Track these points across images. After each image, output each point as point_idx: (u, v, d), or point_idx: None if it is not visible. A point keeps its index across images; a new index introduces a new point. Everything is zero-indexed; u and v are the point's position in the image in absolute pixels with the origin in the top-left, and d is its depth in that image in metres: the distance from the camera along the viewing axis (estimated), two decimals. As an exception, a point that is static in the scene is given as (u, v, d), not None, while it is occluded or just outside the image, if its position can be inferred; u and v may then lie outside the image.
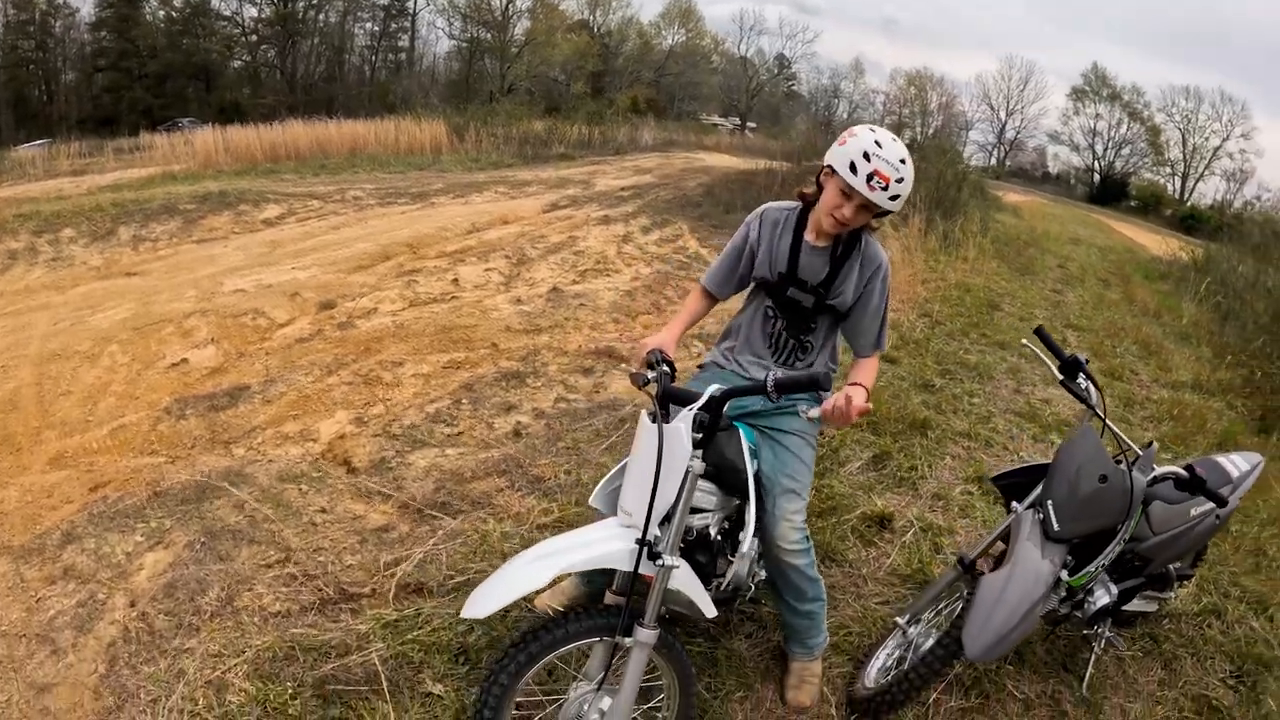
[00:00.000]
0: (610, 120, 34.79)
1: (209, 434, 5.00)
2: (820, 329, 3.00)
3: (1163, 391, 8.14)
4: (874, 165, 2.60)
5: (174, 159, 22.18)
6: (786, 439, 2.90)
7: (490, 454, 4.82)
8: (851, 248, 2.87)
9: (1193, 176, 74.28)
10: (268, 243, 10.60)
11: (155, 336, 6.64)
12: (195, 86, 63.40)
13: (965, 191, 17.38)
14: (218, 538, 3.78)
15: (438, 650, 3.09)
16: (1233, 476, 3.46)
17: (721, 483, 2.65)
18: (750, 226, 3.00)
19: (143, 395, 5.61)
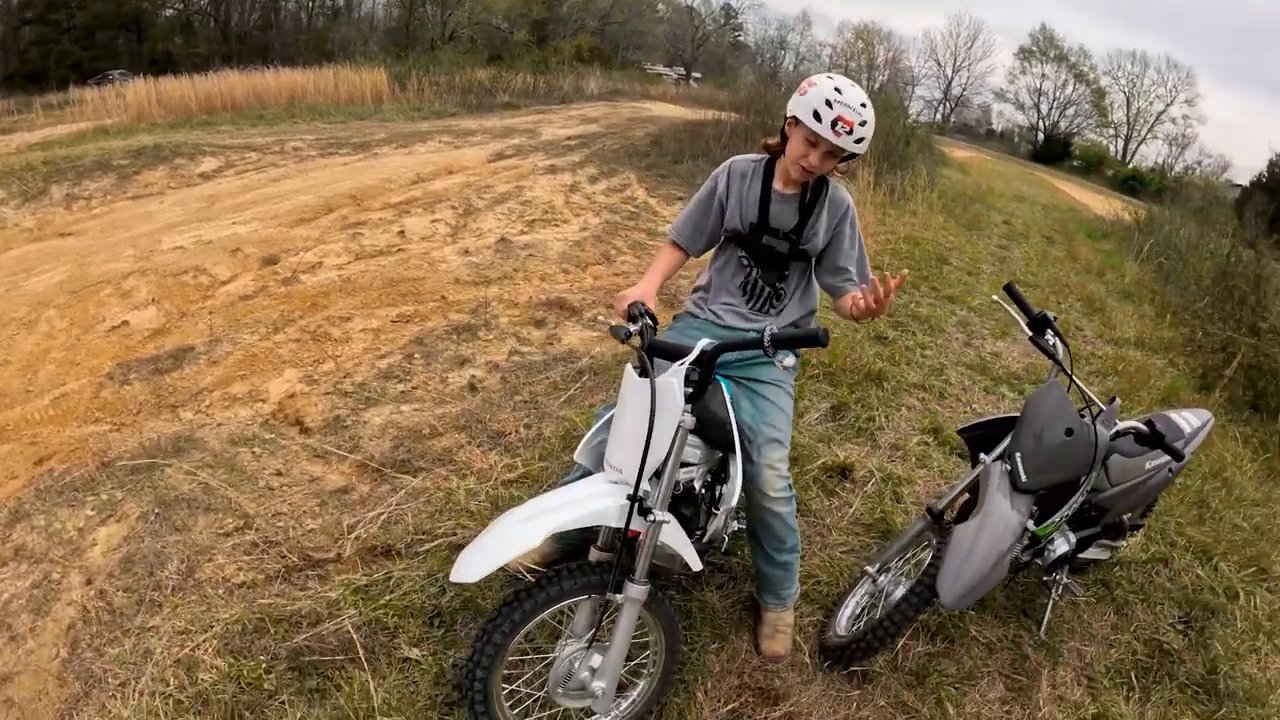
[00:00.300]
0: (555, 69, 34.29)
1: (154, 398, 4.85)
2: (793, 275, 3.04)
3: (1107, 348, 8.32)
4: (837, 111, 2.66)
5: (106, 113, 21.50)
6: (765, 389, 2.92)
7: (447, 409, 4.75)
8: (819, 194, 2.93)
9: (1135, 139, 76.30)
10: (206, 197, 10.30)
11: (94, 299, 6.43)
12: (126, 37, 61.24)
13: (913, 146, 17.60)
14: (172, 507, 3.67)
15: (411, 614, 3.05)
16: (1185, 432, 3.61)
17: (705, 436, 2.65)
18: (718, 179, 3.03)
19: (84, 361, 5.43)
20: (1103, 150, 73.72)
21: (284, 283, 6.90)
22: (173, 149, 12.77)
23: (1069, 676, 3.43)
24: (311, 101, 23.11)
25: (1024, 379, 6.64)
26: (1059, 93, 78.02)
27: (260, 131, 16.46)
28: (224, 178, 11.68)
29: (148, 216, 9.33)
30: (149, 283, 6.75)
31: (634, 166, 13.97)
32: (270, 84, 23.21)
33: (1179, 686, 3.47)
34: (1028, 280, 10.78)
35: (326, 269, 7.33)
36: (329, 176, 11.74)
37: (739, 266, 3.06)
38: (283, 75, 24.32)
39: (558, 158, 14.39)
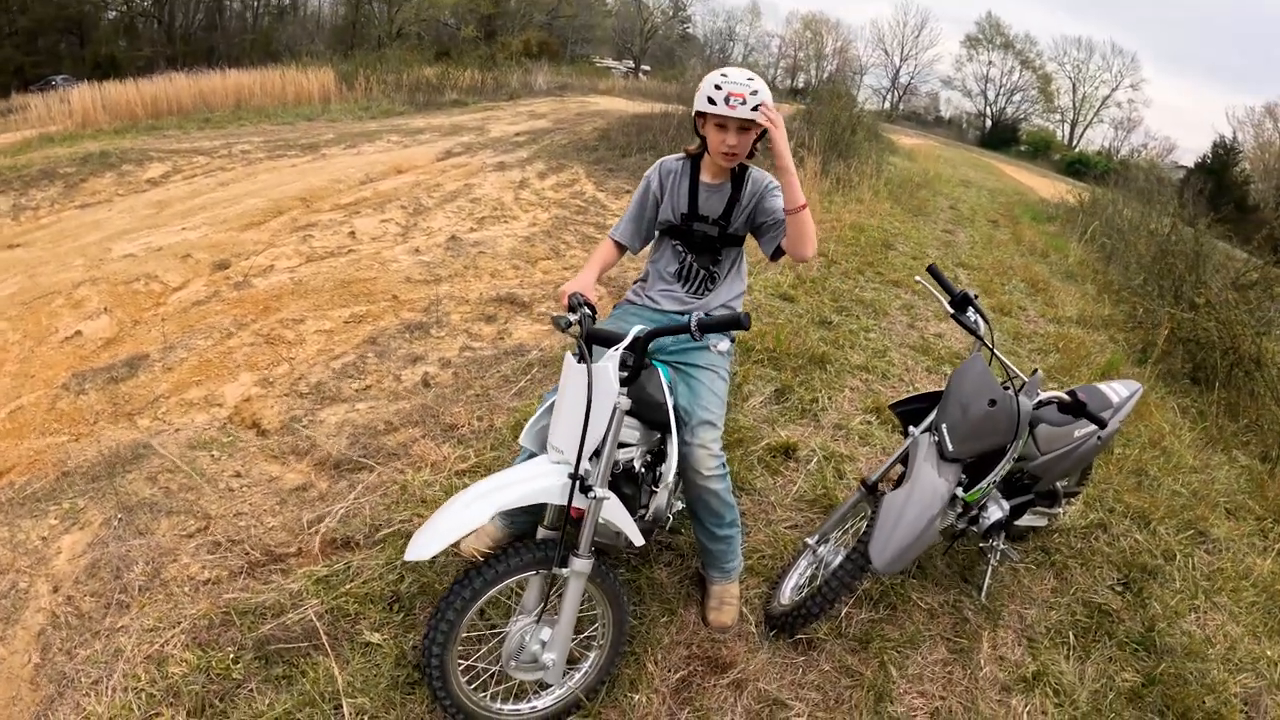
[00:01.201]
0: (503, 65, 34.22)
1: (111, 407, 4.91)
2: (725, 259, 3.27)
3: (1049, 326, 8.60)
4: (726, 89, 2.91)
5: (50, 120, 21.13)
6: (700, 373, 3.10)
7: (401, 405, 4.86)
8: (741, 181, 3.15)
9: (1082, 124, 77.77)
10: (154, 203, 10.25)
11: (45, 310, 6.43)
12: (68, 41, 59.96)
13: (859, 135, 17.75)
14: (134, 512, 3.76)
15: (371, 601, 3.18)
16: (1113, 402, 3.78)
17: (643, 418, 2.83)
18: (650, 179, 3.26)
19: (38, 373, 5.45)
20: (1049, 135, 74.68)
21: (236, 287, 6.94)
22: (120, 155, 12.67)
23: (1009, 638, 3.59)
24: (258, 103, 22.90)
25: (965, 356, 6.82)
26: (1006, 79, 79.44)
27: (207, 135, 16.31)
28: (172, 183, 11.61)
29: (96, 225, 9.29)
30: (100, 291, 6.76)
31: (582, 161, 14.07)
32: (216, 86, 22.97)
33: (1118, 644, 3.64)
34: (971, 263, 11.03)
35: (278, 272, 7.38)
36: (278, 179, 11.71)
37: (674, 255, 3.29)
38: (229, 77, 24.04)
39: (506, 154, 14.45)
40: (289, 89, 24.08)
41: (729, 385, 3.23)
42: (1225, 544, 4.72)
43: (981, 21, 79.92)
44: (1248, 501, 5.41)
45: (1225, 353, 7.61)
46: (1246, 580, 4.36)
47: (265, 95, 23.52)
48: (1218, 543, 4.72)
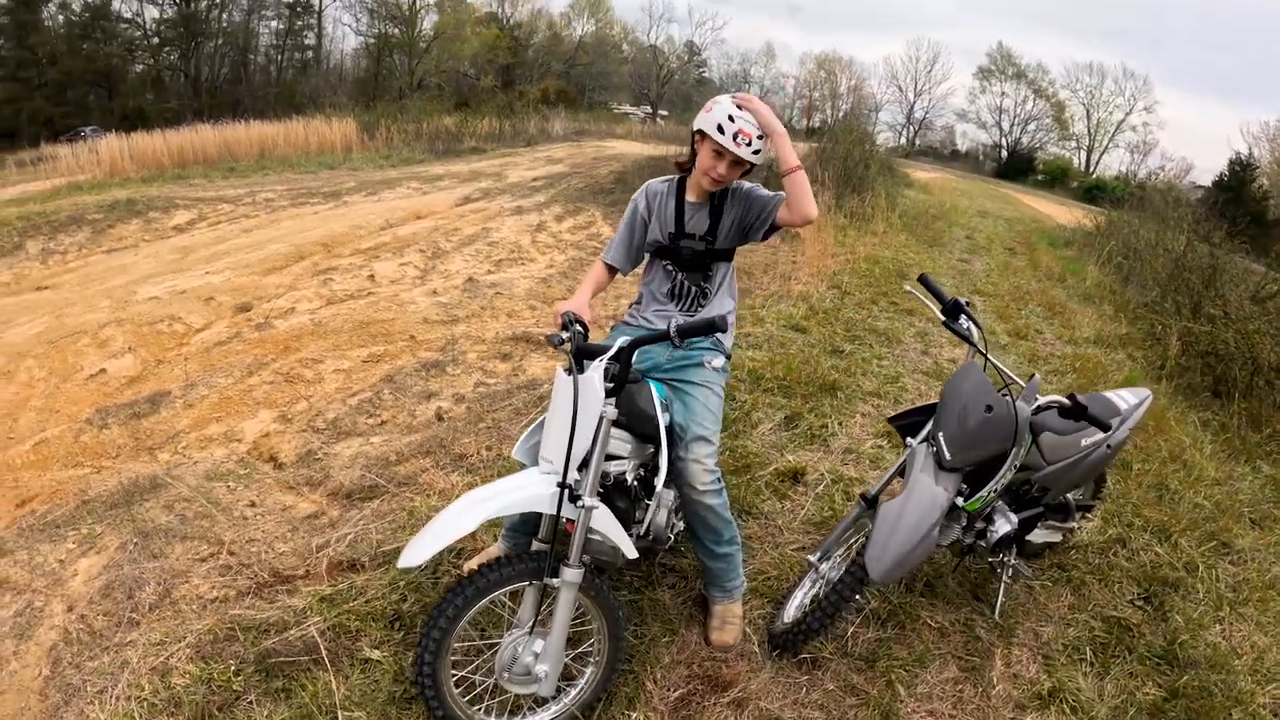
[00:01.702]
0: (521, 113, 34.74)
1: (133, 441, 5.04)
2: (716, 274, 3.34)
3: (1066, 348, 8.54)
4: (738, 125, 2.99)
5: (79, 169, 21.70)
6: (694, 390, 3.15)
7: (414, 438, 4.95)
8: (725, 197, 3.26)
9: (1098, 150, 76.91)
10: (179, 249, 10.49)
11: (71, 349, 6.60)
12: (97, 93, 61.52)
13: (873, 169, 17.77)
14: (150, 537, 3.86)
15: (373, 619, 3.24)
16: (1121, 409, 3.70)
17: (635, 431, 2.91)
18: (638, 202, 3.36)
19: (63, 408, 5.61)
20: (1066, 163, 74.18)
21: (257, 328, 7.09)
22: (146, 202, 12.96)
23: (1024, 655, 3.55)
24: (282, 153, 23.35)
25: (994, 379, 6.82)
26: (1020, 109, 78.90)
27: (232, 183, 16.66)
28: (197, 229, 11.87)
29: (123, 269, 9.51)
30: (125, 332, 6.93)
31: (598, 203, 14.24)
32: (241, 136, 23.48)
33: (1139, 659, 3.58)
34: (987, 290, 11.01)
35: (299, 314, 7.53)
36: (300, 225, 11.96)
37: (665, 274, 3.36)
38: (253, 128, 24.59)
39: (524, 199, 14.67)
40: (312, 139, 24.57)
41: (724, 402, 3.28)
42: (1250, 554, 4.66)
43: (992, 52, 79.84)
44: (1274, 511, 5.35)
45: (1245, 364, 7.58)
46: (1274, 589, 4.31)
47: (289, 145, 24.02)
48: (1242, 553, 4.66)
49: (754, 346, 6.81)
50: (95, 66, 60.24)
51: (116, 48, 61.80)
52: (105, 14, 61.86)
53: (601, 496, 2.73)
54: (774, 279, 9.30)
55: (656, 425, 2.85)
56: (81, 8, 61.69)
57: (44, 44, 59.48)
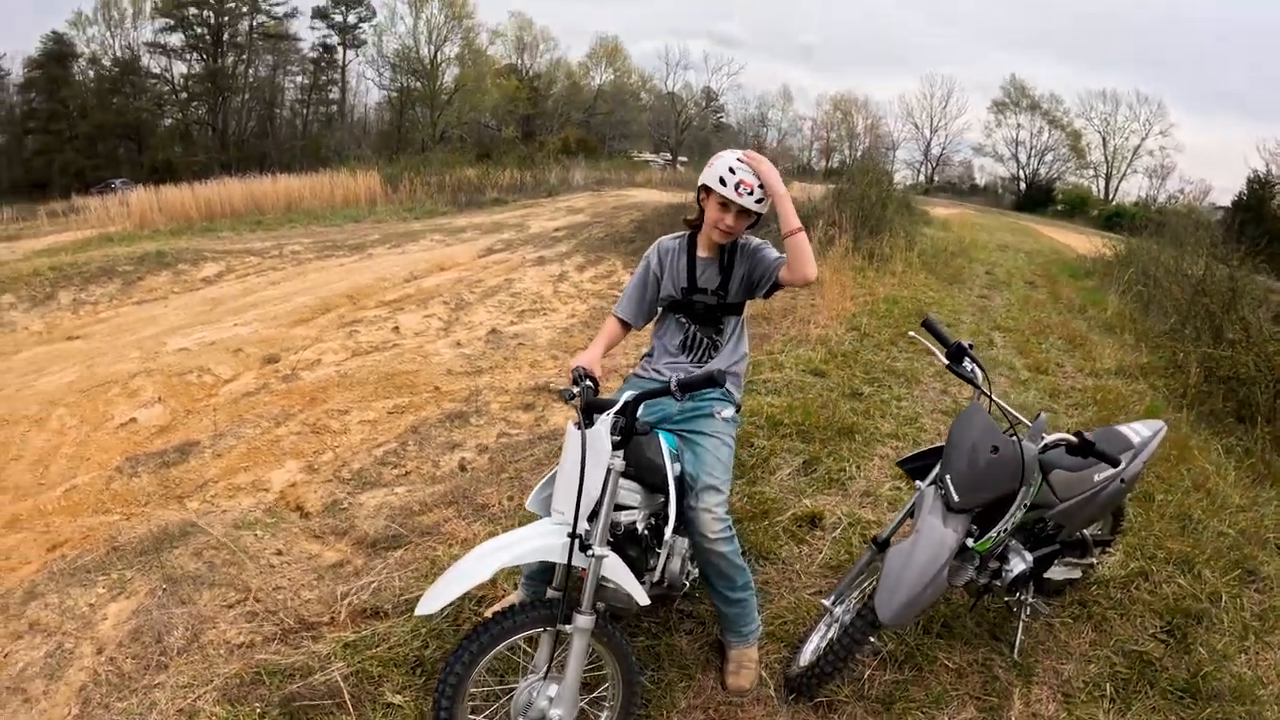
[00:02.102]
0: (541, 163, 35.20)
1: (162, 490, 5.16)
2: (728, 326, 3.46)
3: (1087, 380, 8.45)
4: (739, 176, 3.14)
5: (109, 221, 22.15)
6: (704, 440, 3.23)
7: (437, 488, 5.04)
8: (734, 252, 3.39)
9: (1116, 176, 76.55)
10: (208, 300, 10.70)
11: (102, 398, 6.75)
12: (127, 146, 63.12)
13: (890, 209, 17.82)
14: (179, 584, 3.95)
15: (395, 664, 3.30)
16: (1134, 442, 3.69)
17: (644, 482, 2.99)
18: (650, 259, 3.51)
19: (94, 456, 5.74)
20: (1085, 191, 73.96)
21: (284, 379, 7.23)
22: (175, 255, 13.21)
23: (1044, 694, 3.49)
24: (308, 206, 23.77)
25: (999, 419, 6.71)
26: (1036, 140, 78.85)
27: (259, 236, 16.96)
28: (225, 281, 12.10)
29: (152, 320, 9.70)
30: (155, 382, 7.08)
31: (619, 252, 14.42)
32: (268, 190, 23.94)
33: (1161, 694, 3.51)
34: (1008, 325, 10.96)
35: (325, 365, 7.68)
36: (326, 278, 12.17)
37: (678, 327, 3.48)
38: (279, 181, 25.08)
39: (546, 249, 14.87)
40: (337, 192, 25.00)
41: (734, 451, 3.35)
42: (1276, 580, 4.58)
43: (1006, 85, 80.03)
44: (1303, 534, 5.20)
45: (1268, 387, 7.45)
46: (1302, 616, 4.21)
47: (314, 198, 24.44)
48: (1268, 580, 4.56)
49: (773, 392, 6.83)
50: (125, 120, 61.87)
51: (146, 102, 63.50)
52: (134, 69, 63.72)
53: (613, 545, 2.82)
54: (793, 323, 9.34)
55: (665, 476, 2.93)
56: (111, 63, 63.62)
57: (75, 98, 61.37)
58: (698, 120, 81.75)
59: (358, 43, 70.52)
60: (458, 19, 65.04)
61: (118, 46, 64.43)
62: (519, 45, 73.58)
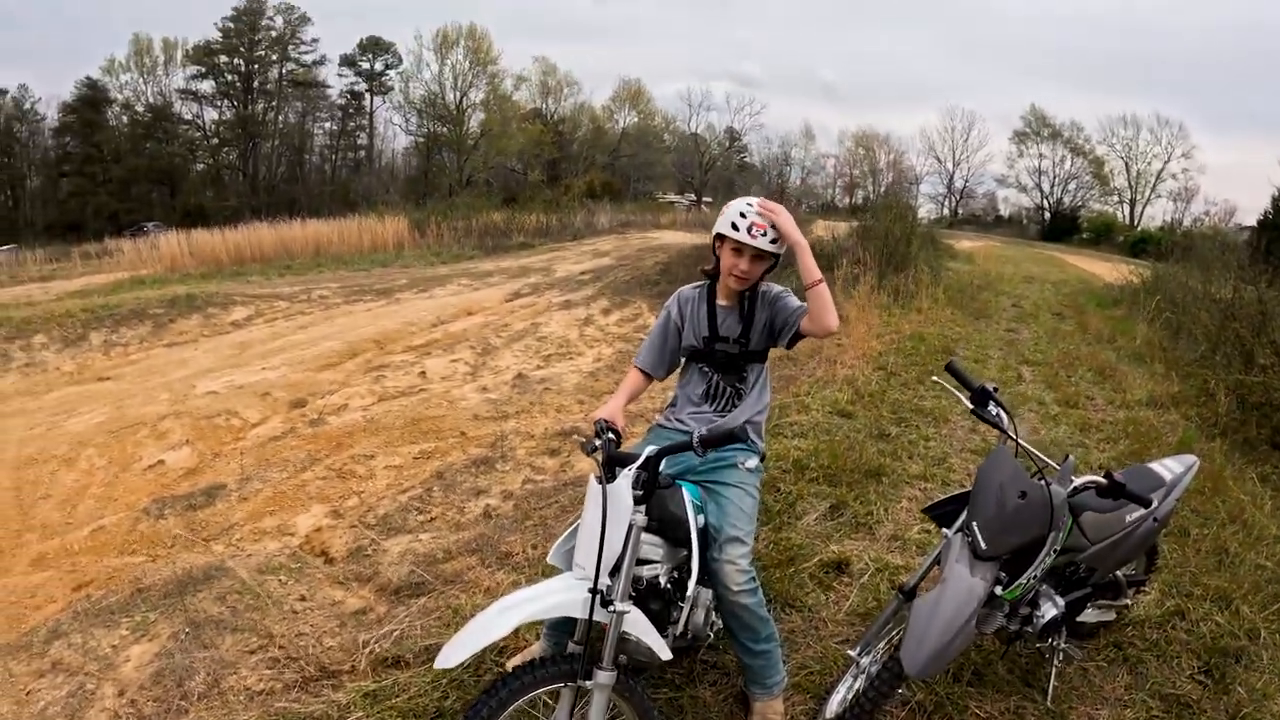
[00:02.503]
0: (566, 207, 35.48)
1: (188, 532, 5.19)
2: (751, 375, 3.42)
3: (1118, 413, 8.25)
4: (750, 219, 3.13)
5: (141, 263, 22.52)
6: (728, 491, 3.19)
7: (462, 535, 5.02)
8: (754, 299, 3.36)
9: (1140, 202, 75.66)
10: (237, 344, 10.83)
11: (131, 439, 6.83)
12: (159, 190, 64.61)
13: (914, 245, 17.64)
14: (201, 628, 3.95)
15: (415, 715, 3.26)
16: (1166, 479, 3.62)
17: (666, 535, 2.96)
18: (670, 309, 3.49)
19: (121, 497, 5.81)
20: (1110, 218, 73.01)
21: (311, 424, 7.29)
22: (205, 298, 13.41)
23: None
24: (336, 250, 24.10)
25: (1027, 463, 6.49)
26: (1058, 169, 78.10)
27: (288, 281, 17.16)
28: (254, 325, 12.26)
29: (182, 362, 9.83)
30: (183, 425, 7.16)
31: (645, 295, 14.49)
32: (297, 235, 24.29)
33: None
34: (1036, 359, 10.76)
35: (351, 410, 7.73)
36: (353, 322, 12.30)
37: (701, 376, 3.45)
38: (309, 226, 25.47)
39: (572, 293, 14.96)
40: (365, 237, 25.35)
41: (759, 501, 3.32)
42: None
43: (1026, 115, 79.46)
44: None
45: None
46: (1346, 649, 4.01)
47: (343, 243, 24.78)
48: None
49: (799, 435, 6.73)
50: (157, 165, 63.41)
51: (178, 147, 65.10)
52: (167, 115, 65.43)
53: (635, 599, 2.80)
54: (820, 363, 9.22)
55: (688, 530, 2.91)
56: (144, 109, 65.17)
57: (109, 142, 63.06)
58: (721, 161, 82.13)
59: (385, 89, 72.07)
60: (482, 65, 66.05)
61: (150, 93, 66.48)
62: (543, 90, 74.38)
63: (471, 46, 65.42)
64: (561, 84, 74.90)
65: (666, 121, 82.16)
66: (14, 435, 7.21)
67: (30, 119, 65.82)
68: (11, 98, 64.98)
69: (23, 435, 7.20)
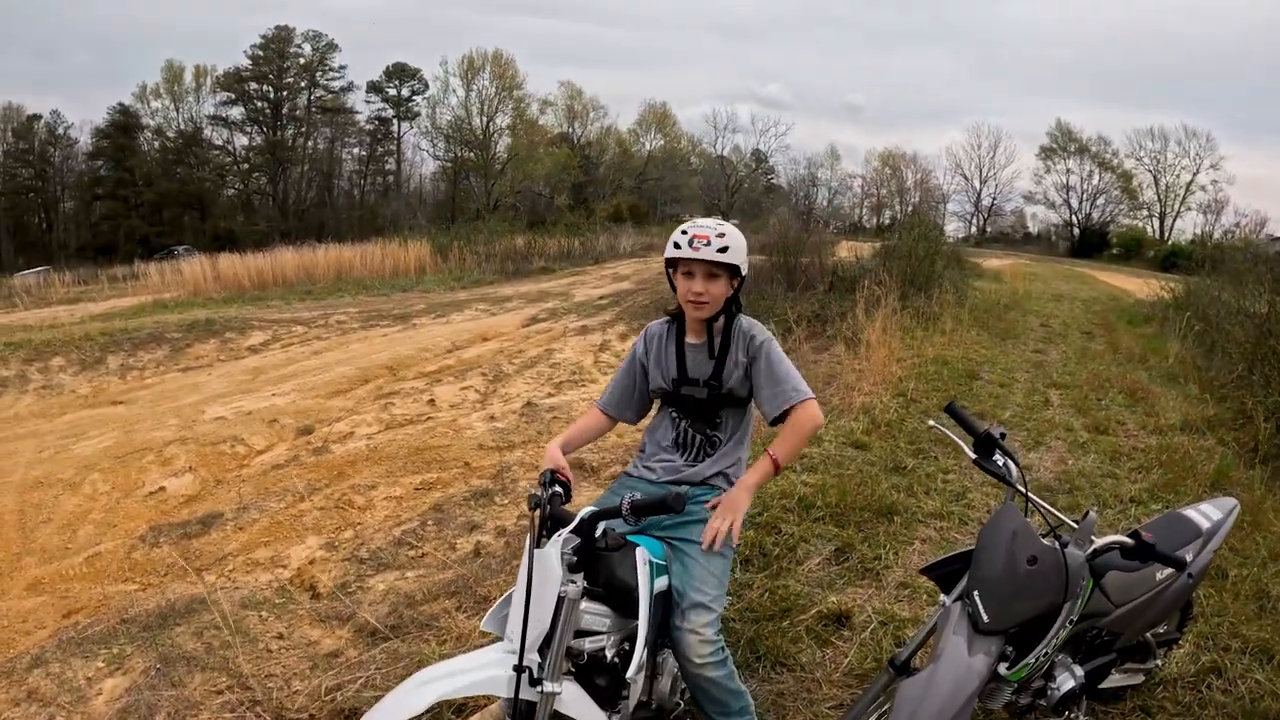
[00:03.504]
0: (587, 231, 35.54)
1: (182, 561, 5.17)
2: (726, 421, 3.11)
3: (1151, 439, 7.78)
4: (691, 233, 2.87)
5: (165, 287, 22.81)
6: (694, 550, 2.86)
7: (446, 575, 4.90)
8: (728, 335, 3.03)
9: (1170, 215, 74.60)
10: (251, 370, 10.87)
11: (136, 465, 6.85)
12: (190, 215, 65.83)
13: (939, 264, 17.23)
14: (173, 664, 3.91)
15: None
16: (1203, 528, 3.26)
17: (614, 603, 2.66)
18: (637, 347, 3.21)
19: (120, 523, 5.83)
20: (1140, 233, 71.99)
21: (315, 452, 7.27)
22: (224, 323, 13.52)
23: None
24: (358, 275, 24.36)
25: (1056, 489, 6.21)
26: (1086, 184, 77.17)
27: (308, 305, 17.29)
28: (270, 350, 12.32)
29: (195, 387, 9.87)
30: (189, 451, 7.16)
31: (663, 320, 14.37)
32: (319, 260, 24.56)
33: None
34: (1064, 382, 10.29)
35: (356, 439, 7.71)
36: (368, 348, 12.33)
37: (670, 423, 3.17)
38: (331, 251, 25.78)
39: (589, 318, 14.94)
40: (387, 261, 25.58)
41: (731, 562, 3.00)
42: None
43: (1052, 131, 78.59)
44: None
45: None
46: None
47: (365, 268, 25.04)
48: None
49: (808, 469, 6.34)
50: (188, 189, 64.72)
51: (208, 172, 66.38)
52: (197, 141, 66.89)
53: (579, 673, 2.57)
54: (837, 390, 8.91)
55: (636, 599, 2.62)
56: (175, 134, 66.40)
57: (140, 167, 64.54)
58: (748, 183, 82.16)
59: (412, 115, 72.91)
60: (508, 90, 66.55)
61: (181, 119, 67.68)
62: (569, 114, 74.93)
63: (497, 72, 66.10)
64: (587, 108, 75.60)
65: (693, 144, 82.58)
66: (23, 458, 7.27)
67: (63, 143, 67.19)
68: (45, 123, 66.53)
69: (31, 458, 7.25)
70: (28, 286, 26.68)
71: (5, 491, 6.41)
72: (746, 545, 4.83)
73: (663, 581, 2.76)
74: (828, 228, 52.16)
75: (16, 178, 66.16)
